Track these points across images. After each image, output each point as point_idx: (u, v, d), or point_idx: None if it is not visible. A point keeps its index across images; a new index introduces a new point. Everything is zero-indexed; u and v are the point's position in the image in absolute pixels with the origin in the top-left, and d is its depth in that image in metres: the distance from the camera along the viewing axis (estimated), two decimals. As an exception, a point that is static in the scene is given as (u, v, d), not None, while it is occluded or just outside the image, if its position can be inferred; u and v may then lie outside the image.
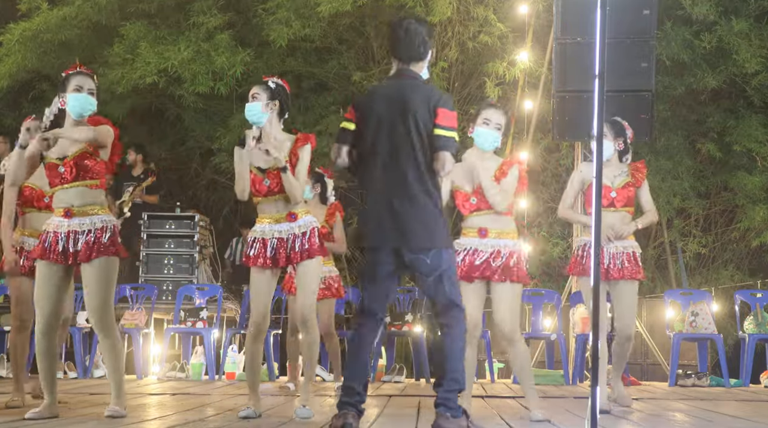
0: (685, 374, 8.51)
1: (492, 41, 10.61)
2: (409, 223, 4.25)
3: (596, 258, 3.78)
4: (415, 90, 4.34)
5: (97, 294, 4.79)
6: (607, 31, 3.80)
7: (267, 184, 5.02)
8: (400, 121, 4.30)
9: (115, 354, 4.89)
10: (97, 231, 4.81)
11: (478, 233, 5.15)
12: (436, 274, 4.27)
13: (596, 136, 3.86)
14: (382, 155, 4.32)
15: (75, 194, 4.82)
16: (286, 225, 5.05)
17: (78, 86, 4.91)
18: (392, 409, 5.64)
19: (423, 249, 4.25)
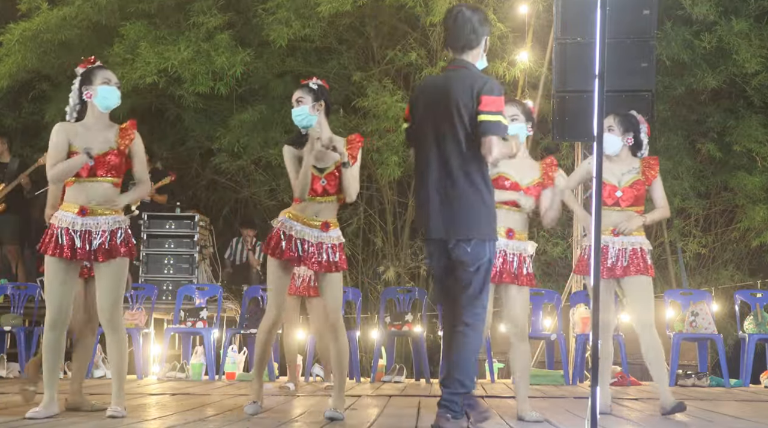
0: (685, 374, 8.51)
1: (492, 41, 10.59)
2: (451, 212, 4.27)
3: (596, 258, 3.77)
4: (460, 79, 4.33)
5: (109, 293, 4.88)
6: (607, 31, 3.80)
7: (323, 184, 5.03)
8: (443, 111, 4.31)
9: (121, 353, 4.96)
10: (111, 232, 4.87)
11: (506, 233, 5.08)
12: (476, 266, 4.26)
13: (596, 135, 3.86)
14: (429, 146, 4.35)
15: (95, 190, 4.86)
16: (317, 231, 5.04)
17: (107, 79, 4.98)
18: (392, 409, 5.64)
19: (464, 238, 4.25)
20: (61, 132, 4.89)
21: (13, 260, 10.25)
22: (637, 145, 5.62)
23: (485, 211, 4.31)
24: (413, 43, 11.10)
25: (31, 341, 8.75)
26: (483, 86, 4.27)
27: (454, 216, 4.27)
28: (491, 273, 4.49)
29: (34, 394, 5.46)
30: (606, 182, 5.41)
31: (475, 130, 4.24)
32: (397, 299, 9.25)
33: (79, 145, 4.85)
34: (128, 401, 5.92)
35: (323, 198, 5.04)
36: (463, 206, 4.27)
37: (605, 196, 5.41)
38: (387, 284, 10.89)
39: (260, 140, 10.80)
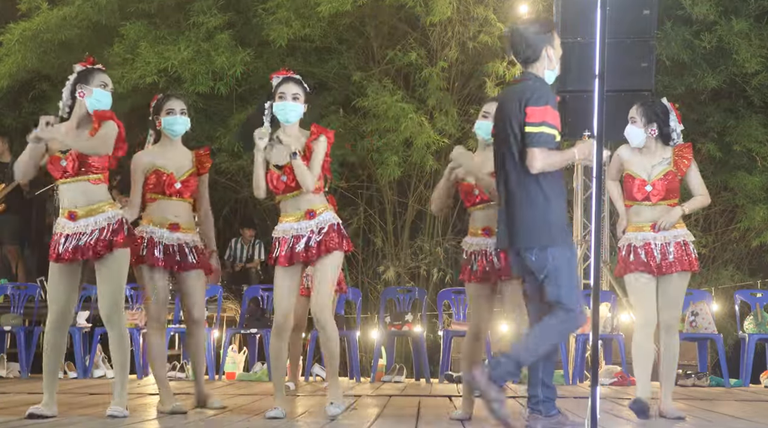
0: (685, 374, 8.50)
1: (492, 41, 10.61)
2: (513, 223, 4.37)
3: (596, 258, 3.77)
4: (516, 92, 4.45)
5: (109, 287, 4.94)
6: (607, 31, 3.80)
7: (284, 180, 5.04)
8: (501, 125, 4.47)
9: (122, 349, 4.96)
10: (103, 230, 4.90)
11: (482, 232, 5.13)
12: (543, 273, 4.33)
13: (596, 135, 3.86)
14: (497, 159, 4.52)
15: (79, 191, 4.91)
16: (305, 222, 5.04)
17: (103, 83, 5.05)
18: (392, 409, 5.64)
19: (527, 247, 4.34)
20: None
21: (13, 260, 10.26)
22: (666, 134, 5.36)
23: (543, 219, 4.35)
24: (413, 43, 11.10)
25: (31, 341, 8.75)
26: (530, 98, 4.36)
27: (514, 226, 4.39)
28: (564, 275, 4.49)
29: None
30: (635, 176, 5.34)
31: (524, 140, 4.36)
32: (397, 299, 9.25)
33: (57, 147, 4.89)
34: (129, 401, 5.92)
35: (291, 193, 5.05)
36: (521, 216, 4.37)
37: (635, 192, 5.32)
38: (387, 284, 10.89)
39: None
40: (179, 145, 5.44)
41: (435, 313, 9.73)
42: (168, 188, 5.29)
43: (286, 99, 5.07)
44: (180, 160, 5.39)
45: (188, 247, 5.31)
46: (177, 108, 5.32)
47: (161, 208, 5.32)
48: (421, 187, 11.58)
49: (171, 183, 5.30)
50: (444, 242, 11.65)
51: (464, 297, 9.00)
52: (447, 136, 10.76)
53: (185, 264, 5.29)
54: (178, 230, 5.29)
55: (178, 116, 5.33)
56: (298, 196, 5.05)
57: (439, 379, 8.64)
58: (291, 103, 5.07)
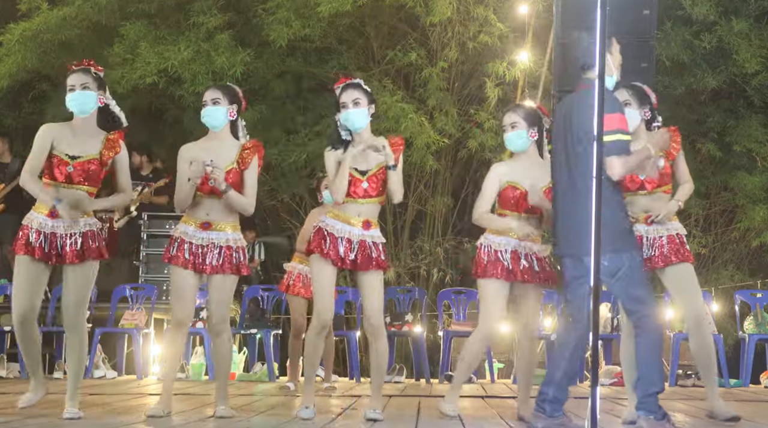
0: (685, 374, 8.50)
1: (492, 41, 10.61)
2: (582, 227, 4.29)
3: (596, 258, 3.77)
4: (577, 99, 4.47)
5: (76, 293, 4.90)
6: (607, 31, 3.80)
7: (365, 187, 5.00)
8: (561, 131, 4.48)
9: (80, 354, 4.96)
10: (83, 235, 4.88)
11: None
12: (616, 277, 4.35)
13: (596, 135, 3.86)
14: (555, 164, 4.53)
15: (72, 196, 4.88)
16: (359, 230, 5.01)
17: (71, 86, 4.98)
18: (392, 409, 5.64)
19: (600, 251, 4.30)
20: (46, 132, 4.94)
21: (13, 260, 10.25)
22: (653, 117, 5.25)
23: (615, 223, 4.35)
24: (413, 43, 11.10)
25: (31, 341, 8.74)
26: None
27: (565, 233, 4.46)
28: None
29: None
30: None
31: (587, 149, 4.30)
32: (397, 299, 9.25)
33: (62, 149, 4.88)
34: (129, 401, 5.92)
35: (364, 200, 5.02)
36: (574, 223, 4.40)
37: (627, 181, 4.99)
38: (387, 284, 10.88)
39: (260, 140, 10.78)
40: (225, 137, 5.20)
41: (435, 313, 9.73)
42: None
43: (347, 107, 5.02)
44: (224, 153, 5.13)
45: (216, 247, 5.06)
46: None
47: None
48: (421, 187, 11.58)
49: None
50: (444, 242, 11.65)
51: (464, 298, 9.01)
52: (447, 136, 10.76)
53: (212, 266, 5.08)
54: (210, 228, 5.07)
55: (209, 107, 5.14)
56: (368, 205, 5.04)
57: (439, 379, 8.64)
58: (354, 110, 5.01)
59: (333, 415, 5.23)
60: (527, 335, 5.09)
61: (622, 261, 4.34)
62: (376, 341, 5.04)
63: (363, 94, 5.04)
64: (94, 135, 5.00)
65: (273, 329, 8.87)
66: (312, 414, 4.90)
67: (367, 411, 4.94)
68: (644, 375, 4.35)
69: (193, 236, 5.04)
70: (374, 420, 4.85)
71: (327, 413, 5.34)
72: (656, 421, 4.27)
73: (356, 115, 5.01)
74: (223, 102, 5.14)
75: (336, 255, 4.95)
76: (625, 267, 4.34)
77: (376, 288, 5.05)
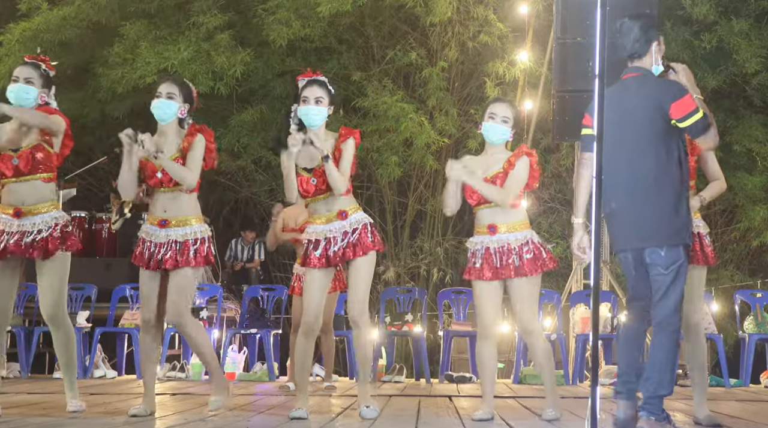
0: (685, 374, 8.50)
1: (492, 41, 10.62)
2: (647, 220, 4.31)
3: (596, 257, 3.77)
4: (647, 87, 4.38)
5: (51, 289, 4.86)
6: (607, 31, 3.80)
7: (314, 183, 4.97)
8: (636, 120, 4.34)
9: (69, 349, 4.93)
10: (50, 229, 4.85)
11: (488, 230, 5.05)
12: (669, 270, 4.29)
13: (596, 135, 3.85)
14: (621, 155, 4.33)
15: (28, 189, 4.86)
16: (338, 223, 4.99)
17: (15, 77, 4.95)
18: (392, 409, 5.64)
19: (659, 244, 4.29)
20: None
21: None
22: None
23: (677, 216, 4.33)
24: (413, 43, 11.10)
25: (31, 341, 8.75)
26: (671, 92, 4.31)
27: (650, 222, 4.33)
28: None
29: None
30: None
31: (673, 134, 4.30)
32: (397, 299, 9.25)
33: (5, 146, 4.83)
34: (129, 401, 5.92)
35: (321, 196, 4.99)
36: (658, 212, 4.31)
37: None
38: (387, 284, 10.89)
39: (260, 140, 10.81)
40: (170, 132, 5.10)
41: (435, 313, 9.73)
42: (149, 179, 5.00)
43: (309, 103, 5.00)
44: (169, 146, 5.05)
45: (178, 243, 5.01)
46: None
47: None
48: (421, 187, 11.58)
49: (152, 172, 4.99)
50: (444, 242, 11.65)
51: (464, 298, 9.01)
52: (447, 136, 10.76)
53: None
54: (167, 225, 4.99)
55: (162, 99, 5.07)
56: (329, 198, 4.99)
57: (439, 379, 8.64)
58: (314, 107, 5.00)
59: (333, 415, 5.22)
60: (527, 328, 5.04)
61: (679, 254, 4.30)
62: (358, 330, 5.03)
63: (326, 94, 5.04)
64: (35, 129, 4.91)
65: (273, 329, 8.87)
66: (305, 414, 4.91)
67: (361, 410, 4.94)
68: (655, 376, 4.25)
69: (152, 234, 5.00)
70: (372, 419, 4.85)
71: (327, 413, 5.34)
72: (657, 422, 4.24)
73: (316, 112, 4.99)
74: (177, 98, 5.09)
75: (321, 260, 4.96)
76: (679, 261, 4.30)
77: (362, 274, 4.99)
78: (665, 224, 4.30)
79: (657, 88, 4.37)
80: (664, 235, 4.29)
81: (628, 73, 4.48)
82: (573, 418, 5.14)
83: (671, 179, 4.32)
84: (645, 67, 4.44)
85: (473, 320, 8.96)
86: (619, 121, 4.33)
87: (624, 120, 4.36)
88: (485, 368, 5.13)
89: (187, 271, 4.96)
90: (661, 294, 4.31)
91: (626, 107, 4.37)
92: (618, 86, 4.50)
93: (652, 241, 4.31)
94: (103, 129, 11.14)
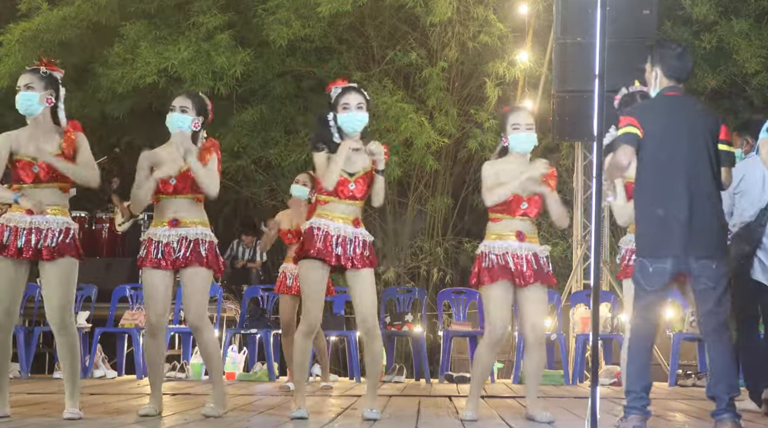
0: (685, 374, 8.50)
1: (492, 41, 10.62)
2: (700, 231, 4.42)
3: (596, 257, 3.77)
4: (700, 105, 4.77)
5: (58, 293, 4.80)
6: (607, 31, 3.80)
7: (352, 189, 5.00)
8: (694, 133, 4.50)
9: (73, 354, 4.90)
10: (61, 232, 4.82)
11: (516, 236, 5.04)
12: (723, 282, 4.42)
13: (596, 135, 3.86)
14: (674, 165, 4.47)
15: (44, 194, 4.83)
16: (351, 228, 4.99)
17: (17, 87, 4.94)
18: (392, 409, 5.64)
19: (713, 255, 4.42)
20: (1, 141, 4.87)
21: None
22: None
23: (724, 231, 4.58)
24: (413, 43, 11.10)
25: (31, 341, 8.75)
26: (718, 116, 4.61)
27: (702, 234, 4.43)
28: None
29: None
30: None
31: (717, 156, 4.52)
32: (397, 299, 9.24)
33: (23, 152, 4.81)
34: (129, 401, 5.92)
35: (350, 201, 5.01)
36: (710, 225, 4.46)
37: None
38: (387, 284, 10.89)
39: (260, 140, 10.81)
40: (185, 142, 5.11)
41: (435, 313, 9.73)
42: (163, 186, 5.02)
43: (351, 109, 5.02)
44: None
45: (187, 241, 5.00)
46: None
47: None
48: (421, 187, 11.58)
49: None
50: (444, 242, 11.65)
51: (464, 298, 9.01)
52: (447, 136, 10.76)
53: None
54: (178, 225, 4.98)
55: (176, 113, 5.14)
56: (351, 205, 5.02)
57: (439, 379, 8.64)
58: (358, 113, 5.02)
59: (332, 415, 5.22)
60: (536, 337, 5.05)
61: (727, 265, 4.48)
62: (371, 341, 5.02)
63: (365, 100, 5.09)
64: (51, 131, 4.92)
65: (273, 329, 8.87)
66: (305, 414, 4.90)
67: (365, 411, 4.94)
68: (725, 381, 4.41)
69: (162, 235, 4.97)
70: (373, 420, 4.85)
71: (326, 413, 5.34)
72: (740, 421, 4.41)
73: (360, 118, 5.03)
74: (191, 112, 5.14)
75: (331, 254, 4.93)
76: (726, 271, 4.46)
77: (369, 287, 5.00)
78: (718, 236, 4.49)
79: (707, 109, 4.71)
80: (717, 247, 4.45)
81: (673, 90, 4.62)
82: (573, 418, 5.15)
83: (719, 195, 4.53)
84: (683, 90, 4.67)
85: (473, 320, 8.97)
86: (674, 131, 4.50)
87: (679, 131, 4.51)
88: (486, 371, 5.18)
89: (204, 272, 4.98)
90: (713, 304, 4.43)
91: (681, 119, 4.54)
92: (663, 99, 4.62)
93: (704, 252, 4.41)
94: (103, 129, 11.14)
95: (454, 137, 11.03)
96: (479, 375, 5.12)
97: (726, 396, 4.41)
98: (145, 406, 5.03)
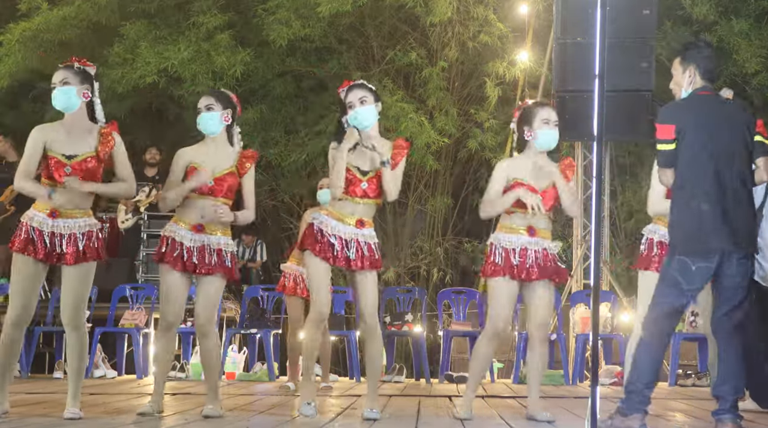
0: (685, 374, 8.50)
1: (492, 41, 10.62)
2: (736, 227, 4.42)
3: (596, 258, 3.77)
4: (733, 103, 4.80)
5: (75, 293, 4.83)
6: (607, 31, 3.80)
7: (364, 188, 4.98)
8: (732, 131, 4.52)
9: (81, 353, 4.90)
10: (83, 235, 4.83)
11: (527, 231, 5.03)
12: (747, 278, 4.46)
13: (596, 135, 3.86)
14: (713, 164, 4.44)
15: (75, 196, 4.83)
16: (353, 229, 4.97)
17: (52, 84, 4.90)
18: (392, 409, 5.64)
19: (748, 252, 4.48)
20: (38, 135, 4.84)
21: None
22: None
23: (757, 228, 4.70)
24: (413, 43, 11.10)
25: (31, 341, 8.75)
26: (750, 114, 4.67)
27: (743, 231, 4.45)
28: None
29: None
30: None
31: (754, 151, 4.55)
32: (397, 299, 9.25)
33: (57, 149, 4.80)
34: (129, 401, 5.93)
35: (362, 200, 4.99)
36: (749, 223, 4.50)
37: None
38: (387, 284, 10.89)
39: (260, 140, 10.81)
40: (222, 143, 5.19)
41: (435, 313, 9.73)
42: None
43: (354, 106, 4.99)
44: (222, 157, 5.13)
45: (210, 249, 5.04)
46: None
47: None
48: (421, 187, 11.58)
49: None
50: (444, 242, 11.65)
51: (464, 298, 9.01)
52: (447, 136, 10.76)
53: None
54: (202, 231, 5.03)
55: (203, 113, 5.13)
56: (362, 204, 5.00)
57: (439, 379, 8.64)
58: (361, 108, 4.98)
59: (332, 415, 5.23)
60: (541, 334, 5.05)
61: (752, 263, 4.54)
62: (371, 341, 5.02)
63: (368, 92, 5.03)
64: (87, 130, 4.90)
65: (273, 329, 8.87)
66: (314, 411, 4.89)
67: (365, 411, 4.94)
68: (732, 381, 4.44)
69: (185, 237, 4.99)
70: (373, 420, 4.85)
71: (327, 413, 5.34)
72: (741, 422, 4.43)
73: (364, 112, 4.98)
74: (217, 107, 5.12)
75: (328, 253, 4.93)
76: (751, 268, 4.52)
77: (371, 287, 5.00)
78: (753, 233, 4.56)
79: (741, 106, 4.75)
80: (752, 244, 4.51)
81: (706, 90, 4.64)
82: (573, 418, 5.15)
83: (752, 192, 4.57)
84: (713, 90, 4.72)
85: (473, 320, 8.97)
86: (709, 128, 4.49)
87: (715, 128, 4.51)
88: (485, 365, 5.19)
89: (221, 281, 5.05)
90: (738, 302, 4.44)
91: (720, 117, 4.55)
92: (699, 98, 4.61)
93: (744, 250, 4.44)
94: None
95: (454, 137, 11.03)
96: (477, 369, 5.12)
97: (731, 397, 4.42)
98: (145, 405, 5.03)
